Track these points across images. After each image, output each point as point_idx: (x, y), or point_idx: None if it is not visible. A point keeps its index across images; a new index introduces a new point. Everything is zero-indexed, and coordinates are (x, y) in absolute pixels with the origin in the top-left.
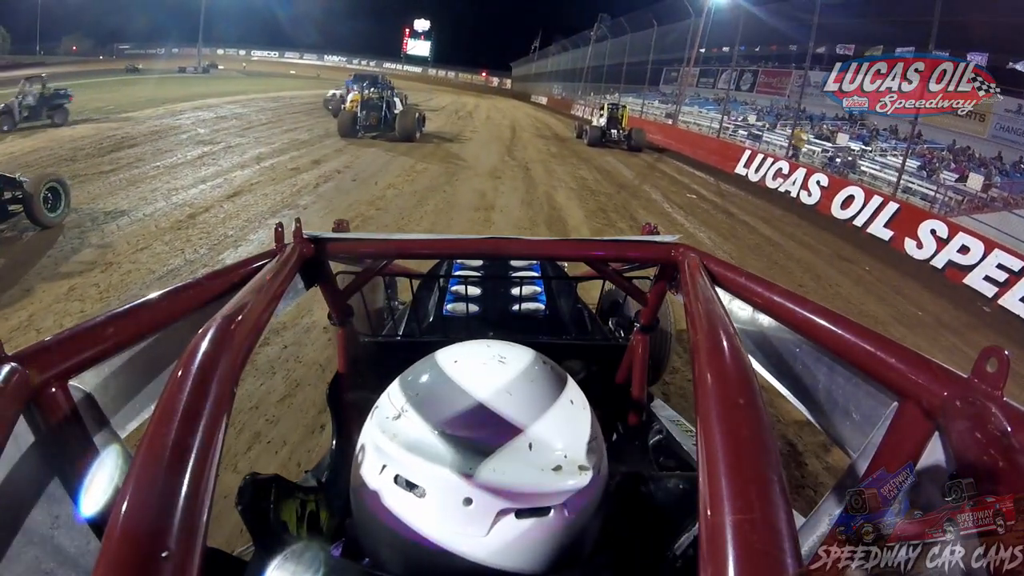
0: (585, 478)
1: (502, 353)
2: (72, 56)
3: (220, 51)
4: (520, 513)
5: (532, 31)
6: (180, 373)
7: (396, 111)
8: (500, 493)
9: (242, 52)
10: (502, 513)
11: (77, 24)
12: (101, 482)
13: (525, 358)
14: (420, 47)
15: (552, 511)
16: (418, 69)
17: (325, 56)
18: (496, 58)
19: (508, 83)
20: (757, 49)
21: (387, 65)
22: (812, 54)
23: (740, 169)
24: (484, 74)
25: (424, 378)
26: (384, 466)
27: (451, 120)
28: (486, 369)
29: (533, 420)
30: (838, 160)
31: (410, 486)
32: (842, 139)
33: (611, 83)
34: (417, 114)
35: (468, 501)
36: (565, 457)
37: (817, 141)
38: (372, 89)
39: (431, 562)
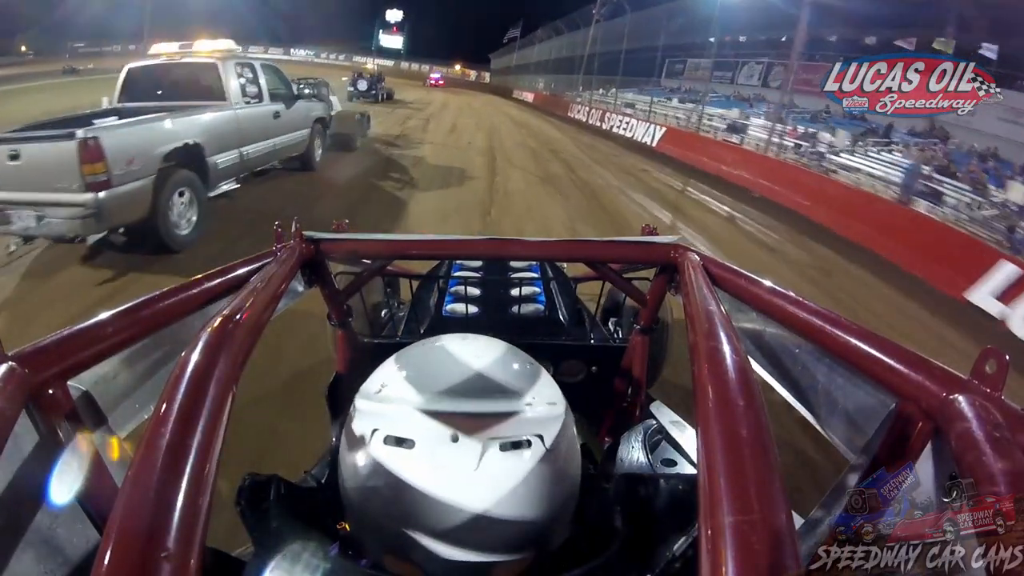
0: (555, 409)
1: (463, 336)
2: (20, 56)
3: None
4: (504, 446)
5: (513, 20)
6: (180, 373)
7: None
8: (483, 424)
9: None
10: (488, 444)
11: (32, 21)
12: (101, 482)
13: (482, 337)
14: (393, 40)
15: (532, 443)
16: (390, 63)
17: (292, 50)
18: (474, 50)
19: (487, 77)
20: (783, 39)
21: (357, 59)
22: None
23: (981, 295)
24: (459, 67)
25: (399, 359)
26: (374, 430)
27: (399, 127)
28: (450, 344)
29: (500, 370)
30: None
31: (399, 441)
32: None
33: (605, 75)
34: (358, 115)
35: (455, 438)
36: (534, 397)
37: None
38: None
39: (432, 515)
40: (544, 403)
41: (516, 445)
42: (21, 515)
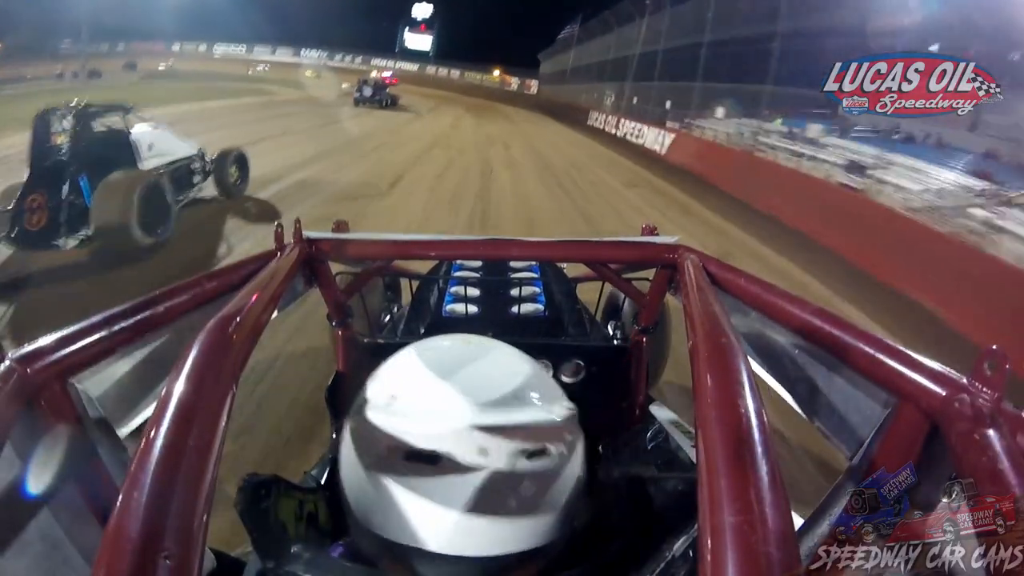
0: (567, 413)
1: (465, 338)
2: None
3: (176, 47)
4: (530, 455)
5: (569, 15)
6: (180, 373)
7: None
8: (509, 435)
9: (202, 48)
10: (517, 456)
11: (19, 20)
12: (100, 482)
13: (486, 339)
14: (420, 40)
15: (551, 450)
16: (415, 67)
17: (302, 51)
18: (519, 52)
19: (534, 86)
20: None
21: (376, 61)
22: None
23: None
24: (498, 72)
25: (402, 366)
26: (389, 447)
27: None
28: (456, 347)
29: (513, 376)
30: None
31: (422, 456)
32: None
33: (711, 80)
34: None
35: (484, 452)
36: (550, 403)
37: None
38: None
39: (456, 533)
40: (556, 407)
41: (539, 454)
42: (21, 515)
